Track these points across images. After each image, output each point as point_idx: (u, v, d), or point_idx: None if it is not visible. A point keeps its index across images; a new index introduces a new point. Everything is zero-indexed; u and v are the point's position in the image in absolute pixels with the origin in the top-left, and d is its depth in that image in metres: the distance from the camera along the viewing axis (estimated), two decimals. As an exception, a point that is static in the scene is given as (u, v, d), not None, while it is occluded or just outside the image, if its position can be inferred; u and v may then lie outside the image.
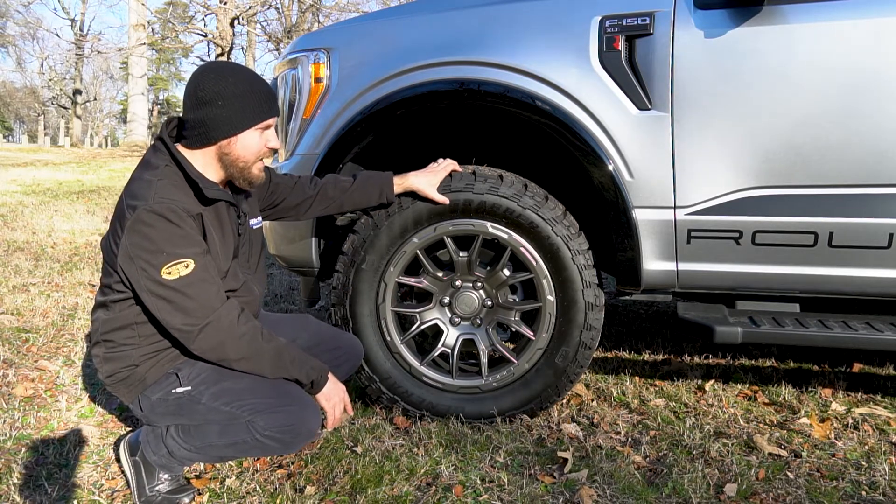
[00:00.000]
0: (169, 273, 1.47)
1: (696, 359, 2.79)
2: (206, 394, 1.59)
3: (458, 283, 2.11)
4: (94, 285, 3.90)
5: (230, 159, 1.60)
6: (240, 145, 1.59)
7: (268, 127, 1.63)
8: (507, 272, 2.08)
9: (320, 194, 1.96)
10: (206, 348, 1.53)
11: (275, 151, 1.66)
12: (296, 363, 1.62)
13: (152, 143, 1.63)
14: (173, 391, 1.60)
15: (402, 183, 1.98)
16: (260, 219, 1.86)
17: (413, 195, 2.00)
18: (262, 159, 1.65)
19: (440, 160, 2.05)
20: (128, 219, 1.48)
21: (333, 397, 1.70)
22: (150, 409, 1.64)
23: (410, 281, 2.12)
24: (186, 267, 1.48)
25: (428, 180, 1.98)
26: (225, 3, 18.51)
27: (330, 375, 1.70)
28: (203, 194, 1.56)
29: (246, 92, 1.56)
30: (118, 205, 1.56)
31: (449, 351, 2.13)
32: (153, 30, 22.69)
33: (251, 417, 1.55)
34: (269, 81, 2.16)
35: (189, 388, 1.60)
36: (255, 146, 1.61)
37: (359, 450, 1.93)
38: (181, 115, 1.61)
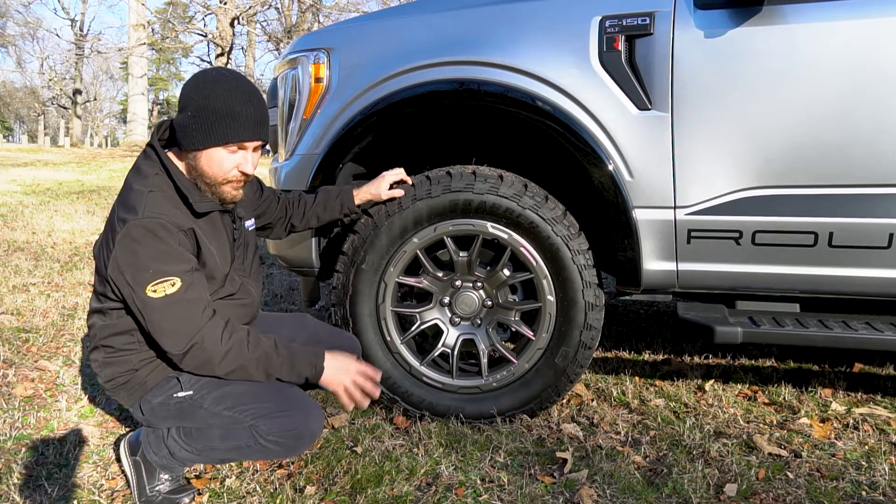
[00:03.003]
0: (154, 291, 1.45)
1: (696, 359, 2.79)
2: (207, 398, 1.58)
3: (458, 283, 2.11)
4: (93, 285, 3.89)
5: (197, 172, 1.56)
6: (205, 160, 1.54)
7: (242, 149, 1.55)
8: (507, 272, 2.08)
9: (295, 211, 2.00)
10: (194, 367, 1.54)
11: (246, 176, 1.58)
12: (285, 366, 1.58)
13: (144, 148, 1.60)
14: (174, 395, 1.60)
15: (359, 194, 2.04)
16: (253, 220, 1.85)
17: (374, 202, 2.06)
18: (233, 181, 1.58)
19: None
20: (118, 232, 1.47)
21: (333, 381, 1.61)
22: (150, 413, 1.64)
23: (410, 281, 2.12)
24: (173, 285, 1.46)
25: (377, 185, 2.03)
26: (225, 3, 18.50)
27: (329, 359, 1.61)
28: (192, 208, 1.54)
29: (218, 109, 1.49)
30: (111, 214, 1.55)
31: (449, 351, 2.13)
32: (153, 30, 22.67)
33: (254, 422, 1.55)
34: (269, 81, 2.16)
35: (191, 392, 1.59)
36: (221, 166, 1.54)
37: (359, 450, 1.93)
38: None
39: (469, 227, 2.02)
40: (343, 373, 1.62)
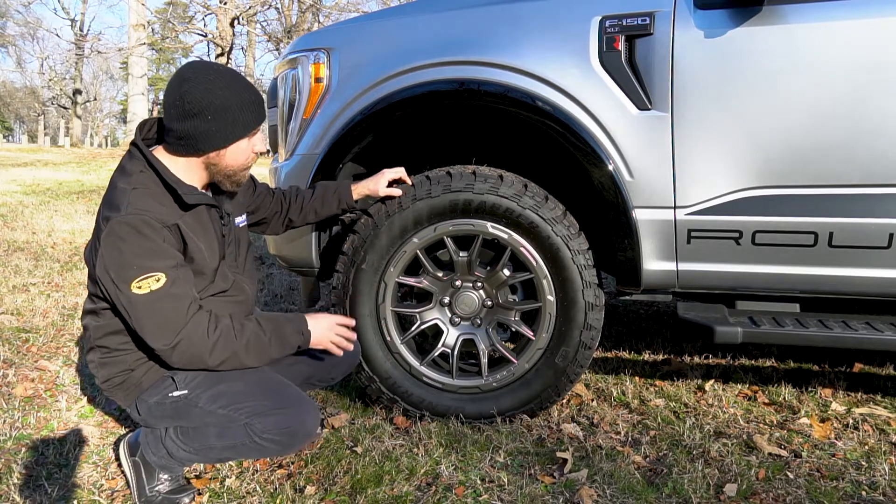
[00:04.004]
0: (139, 287, 1.45)
1: (696, 359, 2.79)
2: (202, 397, 1.58)
3: (458, 283, 2.11)
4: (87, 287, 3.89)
5: (217, 168, 1.60)
6: (229, 155, 1.59)
7: (256, 132, 1.63)
8: (507, 272, 2.08)
9: (293, 206, 2.00)
10: (185, 363, 1.53)
11: (260, 154, 1.68)
12: (274, 343, 1.61)
13: (128, 148, 1.60)
14: (170, 395, 1.60)
15: (356, 189, 2.03)
16: (244, 217, 1.85)
17: (371, 198, 2.06)
18: (251, 163, 1.66)
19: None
20: (103, 230, 1.47)
21: (323, 341, 1.71)
22: (147, 413, 1.64)
23: (410, 281, 2.12)
24: (157, 281, 1.46)
25: (376, 181, 2.03)
26: (225, 3, 18.50)
27: (311, 322, 1.69)
28: (182, 199, 1.55)
29: (235, 104, 1.53)
30: (97, 215, 1.55)
31: (449, 351, 2.13)
32: (153, 30, 22.66)
33: (248, 420, 1.55)
34: (269, 81, 2.17)
35: (185, 391, 1.59)
36: (244, 155, 1.61)
37: (359, 450, 1.93)
38: (164, 121, 1.56)
39: (469, 227, 2.02)
40: (327, 330, 1.72)
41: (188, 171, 1.59)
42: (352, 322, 1.80)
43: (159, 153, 1.59)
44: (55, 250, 4.96)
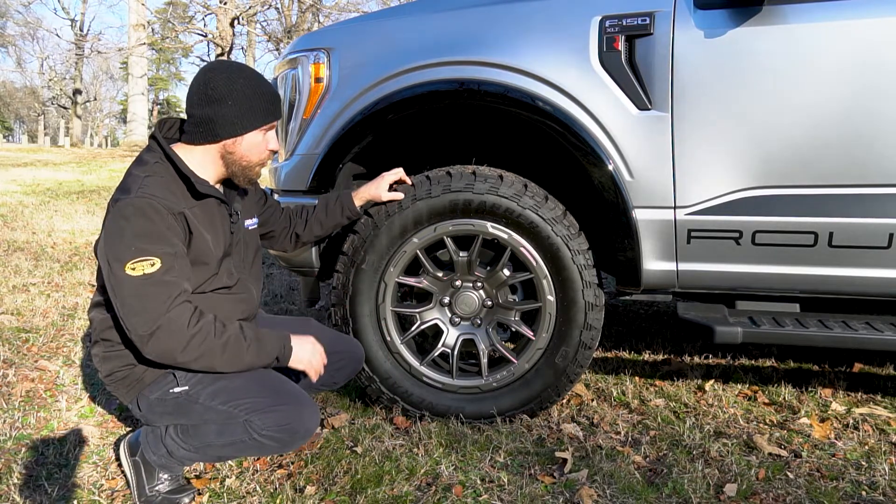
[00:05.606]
0: (133, 269, 1.47)
1: (696, 359, 2.79)
2: (202, 393, 1.59)
3: (458, 283, 2.11)
4: (93, 285, 3.89)
5: (233, 158, 1.64)
6: (244, 145, 1.63)
7: (271, 128, 1.67)
8: (507, 272, 2.08)
9: (299, 222, 2.02)
10: (158, 354, 1.50)
11: (274, 153, 1.71)
12: (252, 347, 1.57)
13: (148, 141, 1.65)
14: (171, 391, 1.61)
15: (358, 195, 2.04)
16: (256, 220, 1.86)
17: (374, 203, 2.06)
18: (265, 159, 1.69)
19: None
20: (111, 212, 1.51)
21: (304, 360, 1.67)
22: (148, 409, 1.65)
23: (410, 281, 2.12)
24: (152, 265, 1.47)
25: (377, 186, 2.03)
26: (225, 3, 18.49)
27: (293, 341, 1.66)
28: (194, 189, 1.58)
29: (255, 94, 1.60)
30: (108, 203, 1.58)
31: (449, 351, 2.13)
32: (153, 30, 22.65)
33: (248, 417, 1.55)
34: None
35: (186, 387, 1.60)
36: (258, 147, 1.65)
37: (359, 450, 1.93)
38: (186, 110, 1.63)
39: (469, 227, 2.02)
40: (311, 354, 1.69)
41: (203, 163, 1.63)
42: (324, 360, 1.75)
43: (177, 147, 1.63)
44: (55, 250, 4.96)
